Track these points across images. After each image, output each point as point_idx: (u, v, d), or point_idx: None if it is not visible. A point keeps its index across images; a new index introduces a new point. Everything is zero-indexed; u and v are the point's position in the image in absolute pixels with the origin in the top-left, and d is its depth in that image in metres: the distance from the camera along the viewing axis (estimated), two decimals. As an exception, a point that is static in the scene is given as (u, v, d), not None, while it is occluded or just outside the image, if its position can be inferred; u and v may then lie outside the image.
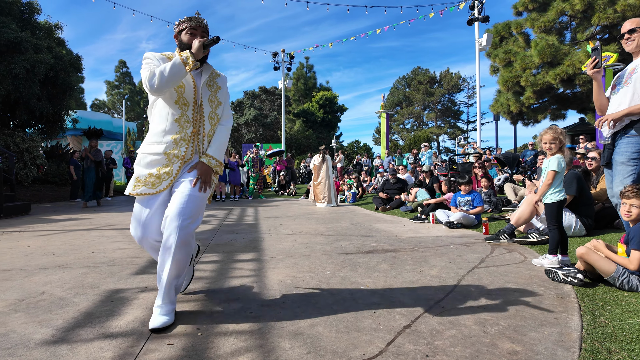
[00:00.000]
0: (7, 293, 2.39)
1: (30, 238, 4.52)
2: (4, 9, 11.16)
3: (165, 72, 1.84)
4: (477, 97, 15.30)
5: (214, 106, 2.10)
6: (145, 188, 1.95)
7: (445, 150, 43.19)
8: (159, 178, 1.96)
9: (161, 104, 2.02)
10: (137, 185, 1.95)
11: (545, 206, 3.02)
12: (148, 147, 2.00)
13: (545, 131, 3.03)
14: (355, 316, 1.96)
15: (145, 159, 1.99)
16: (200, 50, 1.91)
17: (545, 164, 3.03)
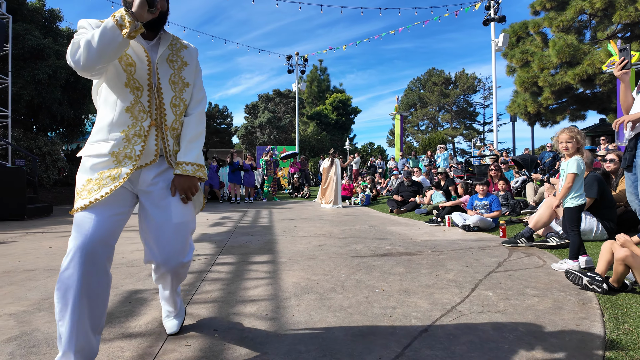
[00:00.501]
0: (31, 292, 2.47)
1: (52, 239, 4.64)
2: (27, 17, 11.54)
3: (94, 41, 1.29)
4: (494, 98, 15.08)
5: (177, 89, 1.59)
6: (81, 201, 1.39)
7: (461, 152, 42.69)
8: (98, 184, 1.41)
9: (106, 89, 1.49)
10: (77, 202, 1.41)
11: (565, 210, 2.94)
12: (90, 149, 1.47)
13: (562, 131, 2.97)
14: (370, 320, 1.96)
15: (86, 163, 1.47)
16: (143, 8, 1.31)
17: (564, 166, 2.96)
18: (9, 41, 9.41)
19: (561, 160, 5.82)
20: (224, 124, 48.68)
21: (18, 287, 2.58)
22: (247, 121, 35.54)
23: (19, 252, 3.83)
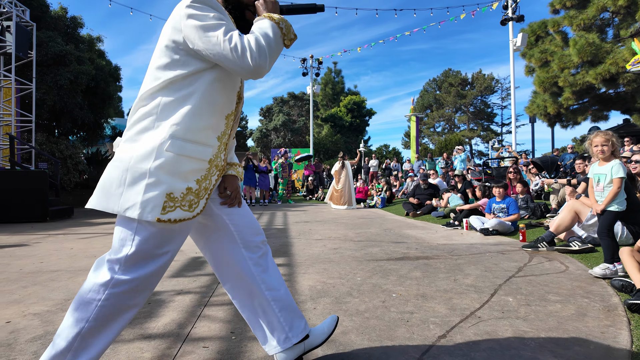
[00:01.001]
0: (54, 293, 2.53)
1: (73, 240, 4.76)
2: (50, 25, 11.91)
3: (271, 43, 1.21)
4: (512, 98, 14.80)
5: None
6: (181, 211, 1.20)
7: (479, 154, 42.04)
8: (197, 195, 1.25)
9: (214, 91, 1.27)
10: (169, 206, 1.18)
11: (605, 213, 2.82)
12: (193, 148, 1.23)
13: (596, 134, 2.87)
14: (387, 324, 1.93)
15: (182, 164, 1.21)
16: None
17: (602, 170, 2.85)
18: (33, 48, 9.72)
19: (587, 163, 5.67)
20: (239, 127, 49.16)
21: (42, 288, 2.65)
22: (262, 124, 35.80)
23: (42, 253, 3.93)
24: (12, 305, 2.28)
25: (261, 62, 1.17)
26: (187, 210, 1.22)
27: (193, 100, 1.23)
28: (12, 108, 9.24)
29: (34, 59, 9.78)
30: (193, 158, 1.23)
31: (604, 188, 2.84)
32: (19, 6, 9.43)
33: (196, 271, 3.10)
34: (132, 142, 1.21)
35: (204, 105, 1.24)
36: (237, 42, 1.15)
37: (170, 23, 1.24)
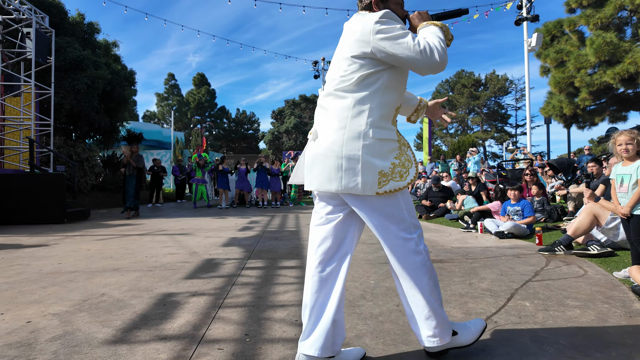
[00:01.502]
0: (72, 293, 2.58)
1: (90, 242, 4.85)
2: (68, 31, 12.21)
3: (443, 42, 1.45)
4: (527, 99, 14.59)
5: None
6: (394, 182, 1.43)
7: (492, 156, 41.49)
8: (403, 166, 1.47)
9: (389, 84, 1.50)
10: (383, 181, 1.42)
11: (635, 218, 2.72)
12: (385, 133, 1.47)
13: (620, 132, 2.80)
14: (402, 329, 1.92)
15: (383, 146, 1.45)
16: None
17: (629, 170, 2.74)
18: (52, 54, 9.96)
19: (605, 166, 5.54)
20: (251, 130, 49.57)
21: (60, 288, 2.70)
22: (274, 127, 36.00)
23: (60, 254, 4.02)
24: (33, 305, 2.33)
25: (444, 58, 1.42)
26: (399, 180, 1.45)
27: (378, 95, 1.47)
28: (32, 112, 9.47)
29: (53, 65, 10.02)
30: (388, 140, 1.47)
31: (629, 189, 2.75)
32: (39, 13, 9.68)
33: (210, 273, 3.13)
34: (336, 132, 1.46)
35: (385, 99, 1.49)
36: (424, 44, 1.41)
37: (355, 36, 1.48)
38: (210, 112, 46.83)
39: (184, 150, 22.36)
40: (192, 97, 45.52)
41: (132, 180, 8.29)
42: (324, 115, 1.54)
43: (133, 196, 8.23)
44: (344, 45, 1.54)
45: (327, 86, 1.59)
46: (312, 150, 1.54)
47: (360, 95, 1.46)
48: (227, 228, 6.21)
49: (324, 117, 1.54)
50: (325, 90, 1.59)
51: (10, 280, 2.93)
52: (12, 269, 3.34)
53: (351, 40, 1.49)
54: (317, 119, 1.60)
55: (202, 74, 47.11)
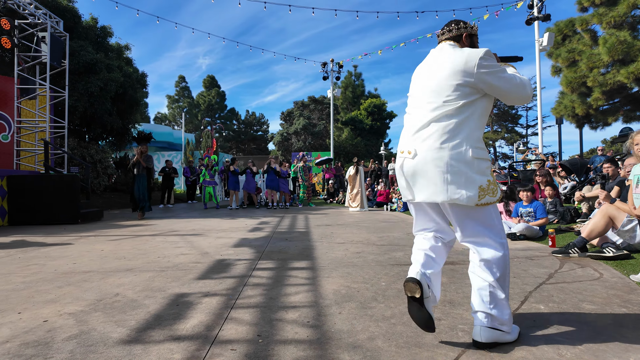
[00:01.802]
0: (87, 293, 2.62)
1: (103, 242, 4.91)
2: (82, 34, 12.41)
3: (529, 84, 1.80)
4: (538, 99, 14.40)
5: None
6: (489, 197, 1.71)
7: (503, 157, 41.06)
8: (495, 184, 1.75)
9: (483, 110, 1.76)
10: (481, 195, 1.69)
11: None
12: (482, 152, 1.72)
13: (638, 132, 2.76)
14: (415, 331, 1.91)
15: (481, 164, 1.70)
16: None
17: None
18: (66, 57, 10.14)
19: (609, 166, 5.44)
20: (260, 131, 49.79)
21: (75, 288, 2.75)
22: (283, 128, 36.09)
23: (75, 254, 4.08)
24: (49, 305, 2.37)
25: (532, 92, 1.79)
26: (492, 196, 1.72)
27: (474, 119, 1.72)
28: (47, 115, 9.65)
29: (67, 68, 10.20)
30: (484, 159, 1.72)
31: None
32: (54, 17, 9.86)
33: (222, 273, 3.15)
34: (440, 151, 1.68)
35: (480, 123, 1.74)
36: (522, 79, 1.76)
37: (458, 67, 1.71)
38: (220, 114, 47.17)
39: (194, 152, 22.53)
40: (203, 99, 45.91)
41: (142, 180, 8.28)
42: (425, 133, 1.74)
43: (145, 195, 8.24)
44: (443, 72, 1.75)
45: (423, 106, 1.79)
46: (417, 166, 1.75)
47: (462, 119, 1.69)
48: (237, 229, 6.25)
49: (425, 135, 1.74)
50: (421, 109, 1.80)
51: (27, 280, 2.99)
52: (28, 268, 3.40)
53: (454, 70, 1.72)
54: (413, 136, 1.80)
55: (212, 76, 47.49)
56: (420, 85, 1.86)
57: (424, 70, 1.88)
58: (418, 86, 1.88)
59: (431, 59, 1.89)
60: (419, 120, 1.78)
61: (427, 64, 1.90)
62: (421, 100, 1.82)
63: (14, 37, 8.75)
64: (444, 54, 1.82)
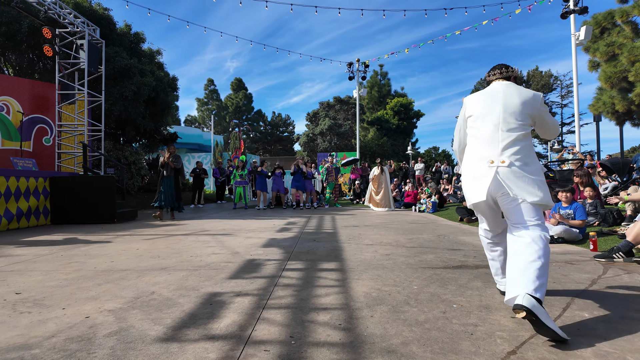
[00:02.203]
0: (125, 291, 2.71)
1: (138, 241, 5.08)
2: (116, 41, 12.91)
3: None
4: (575, 96, 13.76)
5: None
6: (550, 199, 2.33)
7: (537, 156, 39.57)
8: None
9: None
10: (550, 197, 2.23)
11: None
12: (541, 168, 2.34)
13: None
14: (450, 337, 1.86)
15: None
16: None
17: None
18: (102, 63, 10.58)
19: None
20: (286, 132, 50.22)
21: (114, 286, 2.85)
22: (309, 129, 36.24)
23: (112, 252, 4.24)
24: (90, 302, 2.47)
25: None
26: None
27: (530, 143, 2.25)
28: (85, 119, 10.10)
29: (103, 73, 10.64)
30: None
31: None
32: (91, 25, 10.32)
33: (252, 273, 3.19)
34: (526, 166, 2.16)
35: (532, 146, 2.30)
36: (556, 120, 2.44)
37: (528, 101, 2.25)
38: (248, 116, 47.92)
39: (223, 153, 22.99)
40: (230, 101, 46.80)
41: (170, 181, 8.17)
42: (515, 146, 2.19)
43: (174, 196, 8.14)
44: (516, 101, 2.25)
45: (503, 123, 2.24)
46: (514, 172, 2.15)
47: (529, 138, 2.26)
48: (265, 229, 6.31)
49: (514, 147, 2.19)
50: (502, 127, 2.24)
51: (69, 277, 3.13)
52: (70, 266, 3.56)
53: (525, 103, 2.24)
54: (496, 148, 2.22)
55: (239, 79, 48.33)
56: (495, 109, 2.30)
57: (496, 97, 2.34)
58: (490, 110, 2.31)
59: (498, 93, 2.35)
60: (498, 132, 2.25)
61: (492, 95, 2.37)
62: (497, 114, 2.28)
63: (55, 46, 9.21)
64: (511, 88, 2.34)
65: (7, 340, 1.87)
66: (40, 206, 7.43)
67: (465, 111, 2.50)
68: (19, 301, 2.49)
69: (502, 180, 2.17)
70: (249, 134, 42.89)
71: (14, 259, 3.95)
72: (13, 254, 4.21)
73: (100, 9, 12.72)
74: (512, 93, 2.29)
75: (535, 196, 2.10)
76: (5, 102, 9.45)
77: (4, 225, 6.54)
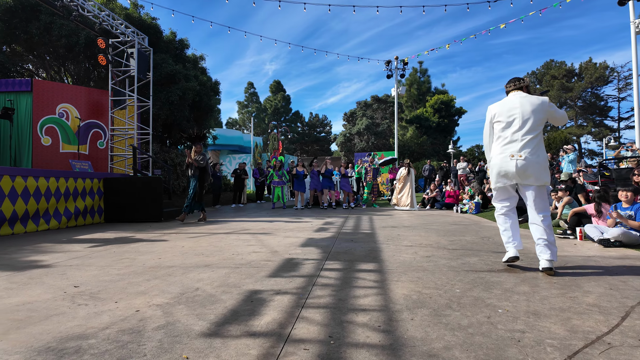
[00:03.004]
0: (171, 287, 2.84)
1: (184, 239, 5.31)
2: (163, 48, 13.57)
3: None
4: (634, 88, 12.72)
5: None
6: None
7: (589, 154, 37.05)
8: None
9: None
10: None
11: None
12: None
13: None
14: (496, 343, 1.78)
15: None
16: None
17: None
18: (150, 70, 11.16)
19: None
20: (323, 133, 50.42)
21: (161, 281, 3.00)
22: (346, 129, 36.16)
23: (159, 250, 4.46)
24: (140, 296, 2.61)
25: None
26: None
27: (541, 139, 3.15)
28: (135, 123, 10.71)
29: (151, 79, 11.23)
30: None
31: None
32: (140, 34, 10.92)
33: (291, 272, 3.23)
34: (537, 156, 3.08)
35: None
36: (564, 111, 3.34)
37: (540, 108, 3.12)
38: (286, 117, 48.64)
39: (262, 154, 23.49)
40: (269, 103, 47.74)
41: (193, 181, 7.70)
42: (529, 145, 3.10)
43: (191, 198, 7.64)
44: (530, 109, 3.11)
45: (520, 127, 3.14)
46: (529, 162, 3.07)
47: (539, 139, 3.14)
48: (303, 229, 6.38)
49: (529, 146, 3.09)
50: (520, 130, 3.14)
51: (121, 273, 3.32)
52: (121, 262, 3.79)
53: (535, 110, 3.10)
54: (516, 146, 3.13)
55: (278, 81, 49.19)
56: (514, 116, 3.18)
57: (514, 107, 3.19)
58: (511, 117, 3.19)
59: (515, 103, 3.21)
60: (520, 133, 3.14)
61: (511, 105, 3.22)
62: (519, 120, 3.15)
63: (109, 55, 9.84)
64: (525, 99, 3.18)
65: (67, 329, 2.02)
66: (95, 205, 7.97)
67: (491, 117, 3.34)
68: (77, 294, 2.68)
69: (520, 169, 3.08)
70: (287, 135, 43.48)
71: (73, 254, 4.26)
72: (71, 250, 4.54)
73: (148, 19, 13.43)
74: (526, 103, 3.13)
75: (541, 181, 3.08)
76: (65, 109, 10.22)
77: (63, 223, 7.08)
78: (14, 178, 6.16)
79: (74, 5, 8.82)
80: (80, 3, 8.96)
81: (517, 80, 3.32)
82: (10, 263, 3.79)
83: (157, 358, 1.67)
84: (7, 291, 2.76)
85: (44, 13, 11.50)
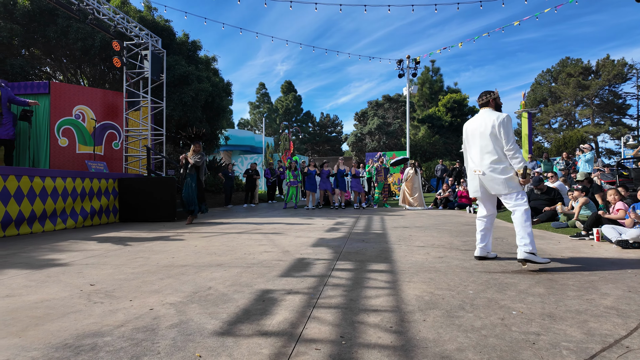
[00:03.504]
0: (184, 286, 2.87)
1: (196, 239, 5.37)
2: (176, 50, 13.74)
3: None
4: (654, 86, 12.38)
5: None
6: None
7: (607, 153, 36.22)
8: None
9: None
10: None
11: None
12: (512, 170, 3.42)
13: None
14: (510, 345, 1.75)
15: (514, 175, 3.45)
16: None
17: None
18: (163, 71, 11.30)
19: None
20: (334, 132, 50.37)
21: (175, 280, 3.04)
22: (357, 128, 36.06)
23: (173, 249, 4.52)
24: (153, 295, 2.65)
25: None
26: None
27: (502, 155, 3.39)
28: (148, 124, 10.86)
29: (164, 81, 11.37)
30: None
31: None
32: (153, 37, 11.07)
33: (302, 272, 3.24)
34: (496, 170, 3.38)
35: None
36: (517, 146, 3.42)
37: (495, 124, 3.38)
38: (297, 117, 48.73)
39: (273, 154, 23.58)
40: (281, 103, 47.88)
41: (190, 180, 7.48)
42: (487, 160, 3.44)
43: (194, 199, 7.44)
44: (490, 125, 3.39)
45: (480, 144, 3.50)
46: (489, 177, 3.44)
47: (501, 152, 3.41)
48: (314, 229, 6.38)
49: (488, 161, 3.43)
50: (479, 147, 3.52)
51: (135, 271, 3.38)
52: (136, 261, 3.85)
53: (493, 126, 3.36)
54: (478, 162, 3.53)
55: (289, 82, 49.28)
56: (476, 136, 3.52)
57: (478, 125, 3.52)
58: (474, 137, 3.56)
59: (479, 119, 3.54)
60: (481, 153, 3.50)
61: (476, 122, 3.56)
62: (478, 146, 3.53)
63: (123, 57, 10.00)
64: (486, 116, 3.47)
65: (84, 327, 2.06)
66: (110, 205, 8.11)
67: (465, 135, 3.70)
68: (93, 292, 2.74)
69: (484, 183, 3.48)
70: (298, 135, 43.58)
71: (89, 253, 4.34)
72: (88, 249, 4.63)
73: (161, 21, 13.61)
74: (487, 119, 3.43)
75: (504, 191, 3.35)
76: (81, 111, 10.42)
77: (79, 222, 7.23)
78: (32, 178, 6.31)
79: (90, 9, 9.00)
80: (96, 7, 9.13)
81: (484, 95, 3.56)
82: (28, 261, 3.89)
83: (171, 356, 1.69)
84: (26, 289, 2.83)
85: (61, 17, 11.75)
